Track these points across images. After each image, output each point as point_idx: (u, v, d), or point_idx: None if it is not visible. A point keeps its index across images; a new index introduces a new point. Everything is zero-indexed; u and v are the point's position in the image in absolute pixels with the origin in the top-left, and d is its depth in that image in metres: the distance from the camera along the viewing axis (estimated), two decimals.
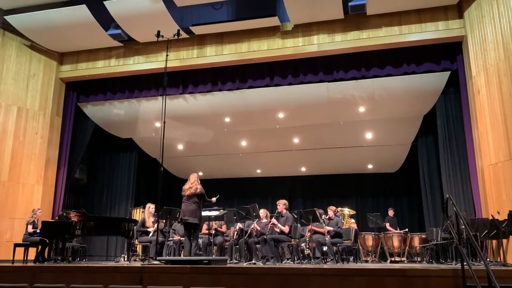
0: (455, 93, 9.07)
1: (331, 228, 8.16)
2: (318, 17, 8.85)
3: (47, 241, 7.69)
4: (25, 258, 7.70)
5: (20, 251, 7.71)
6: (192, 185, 6.96)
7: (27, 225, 8.05)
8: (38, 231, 7.82)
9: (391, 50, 8.86)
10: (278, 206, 8.06)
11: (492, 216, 6.93)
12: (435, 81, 9.15)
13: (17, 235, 8.69)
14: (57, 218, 9.22)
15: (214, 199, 7.31)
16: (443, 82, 9.11)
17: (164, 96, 7.06)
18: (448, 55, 8.78)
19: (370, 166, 13.02)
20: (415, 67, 8.84)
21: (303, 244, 8.56)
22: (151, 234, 8.53)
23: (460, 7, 8.46)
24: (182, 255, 8.50)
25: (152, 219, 8.72)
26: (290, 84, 9.51)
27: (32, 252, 7.95)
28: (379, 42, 8.72)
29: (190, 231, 6.93)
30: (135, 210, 11.65)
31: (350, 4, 8.31)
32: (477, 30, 8.05)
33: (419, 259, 9.80)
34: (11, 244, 7.84)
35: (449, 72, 8.93)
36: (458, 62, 8.66)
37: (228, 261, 7.15)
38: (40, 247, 7.72)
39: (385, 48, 8.83)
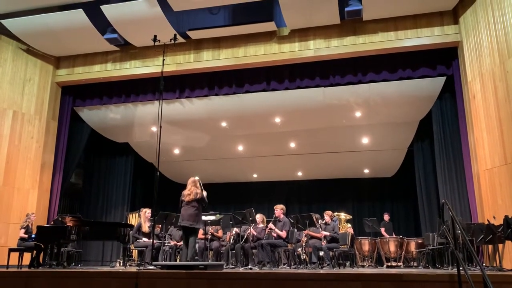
0: (451, 98, 9.11)
1: (327, 233, 8.15)
2: (315, 22, 8.88)
3: (42, 246, 7.64)
4: (20, 263, 7.64)
5: (14, 256, 7.65)
6: (191, 191, 6.90)
7: (20, 229, 8.01)
8: (33, 236, 7.76)
9: (387, 55, 8.89)
10: (275, 211, 8.03)
11: (488, 221, 6.94)
12: (431, 86, 9.19)
13: (12, 240, 8.63)
14: (52, 222, 9.16)
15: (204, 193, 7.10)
16: (439, 87, 9.16)
17: (161, 101, 7.07)
18: (444, 61, 8.82)
19: (366, 171, 13.04)
20: (411, 72, 8.87)
21: (299, 249, 8.54)
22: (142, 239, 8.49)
23: (456, 13, 8.51)
24: (178, 260, 8.45)
25: (148, 224, 8.68)
26: (286, 88, 9.54)
27: (27, 257, 7.89)
28: (375, 47, 8.76)
29: (187, 236, 6.89)
30: (131, 215, 11.60)
31: (346, 9, 8.35)
32: (473, 35, 8.10)
33: (415, 264, 9.79)
34: (6, 249, 7.78)
35: (444, 77, 8.98)
36: (454, 67, 8.70)
37: (224, 266, 7.11)
38: (35, 252, 7.66)
39: (381, 53, 8.86)
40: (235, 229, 8.34)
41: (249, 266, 7.43)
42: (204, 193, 7.05)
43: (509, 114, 7.15)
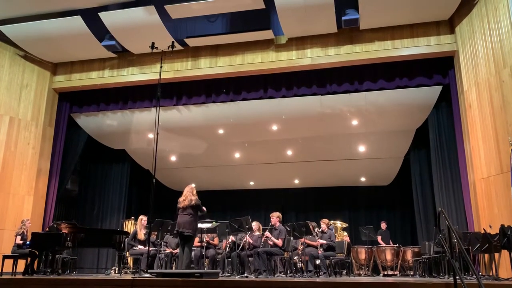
0: (447, 107, 9.15)
1: (324, 241, 8.13)
2: (312, 31, 8.93)
3: (37, 253, 7.58)
4: (14, 270, 7.58)
5: (9, 263, 7.59)
6: (186, 197, 6.90)
7: (16, 236, 7.95)
8: (27, 242, 7.71)
9: (384, 64, 8.94)
10: (271, 219, 8.01)
11: (484, 230, 6.94)
12: (427, 95, 9.23)
13: (6, 246, 8.56)
14: (47, 229, 9.10)
15: (204, 208, 7.22)
16: (435, 96, 9.20)
17: (158, 108, 7.06)
18: (440, 70, 8.87)
19: (363, 179, 13.05)
20: (408, 81, 8.92)
21: (296, 257, 8.51)
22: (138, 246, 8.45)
23: (452, 23, 8.58)
24: (173, 268, 8.41)
25: (144, 231, 8.64)
26: (283, 96, 9.56)
27: (21, 264, 7.83)
28: (372, 56, 8.81)
29: (184, 243, 6.86)
30: (126, 222, 11.54)
31: (343, 18, 8.41)
32: (469, 45, 8.16)
33: (411, 273, 9.78)
34: (0, 256, 7.72)
35: (441, 86, 9.03)
36: (450, 76, 8.76)
37: (220, 274, 7.08)
38: (29, 259, 7.60)
39: (378, 62, 8.91)
40: (231, 237, 8.30)
41: (245, 274, 7.39)
42: (204, 209, 7.16)
43: (505, 123, 7.19)
